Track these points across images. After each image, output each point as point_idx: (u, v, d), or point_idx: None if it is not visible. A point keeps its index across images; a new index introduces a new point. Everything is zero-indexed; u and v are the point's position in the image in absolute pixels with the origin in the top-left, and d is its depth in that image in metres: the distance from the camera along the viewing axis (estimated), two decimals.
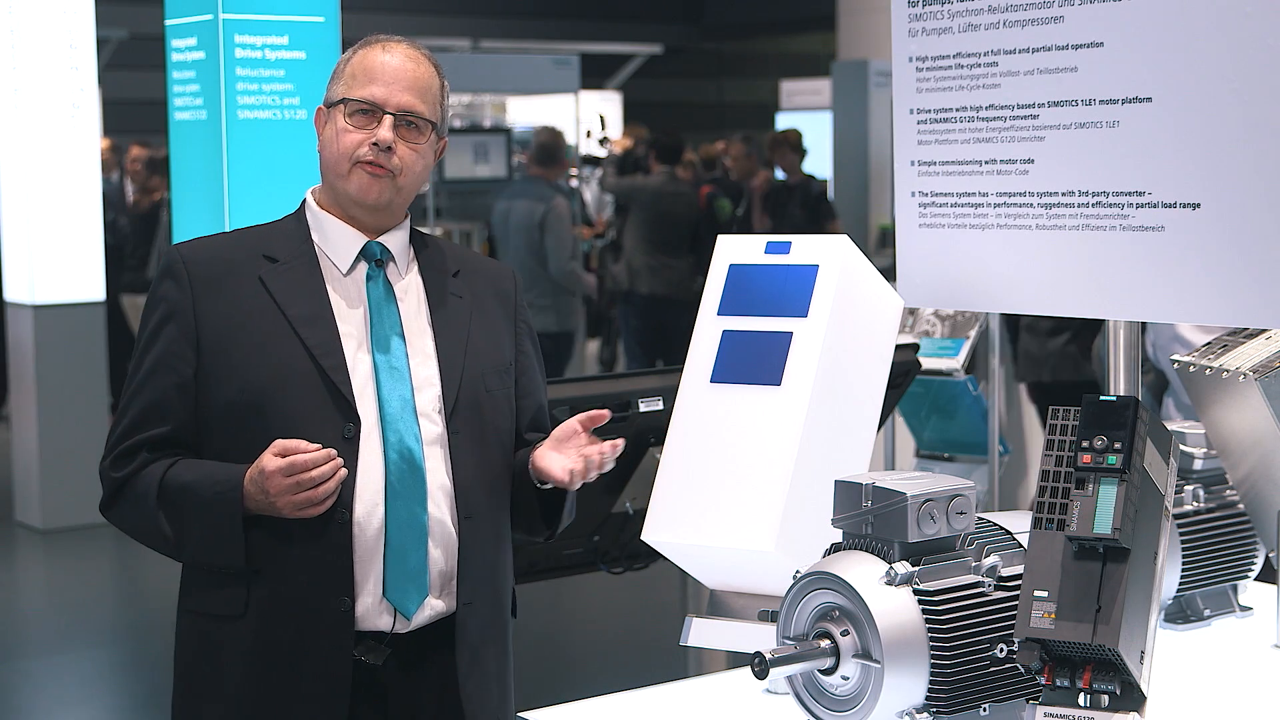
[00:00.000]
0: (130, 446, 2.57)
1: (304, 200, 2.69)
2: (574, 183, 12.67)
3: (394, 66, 2.60)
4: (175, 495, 2.53)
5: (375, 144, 2.56)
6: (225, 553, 2.51)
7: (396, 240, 2.66)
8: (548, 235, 9.02)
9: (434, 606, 2.58)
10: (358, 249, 2.63)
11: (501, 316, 2.73)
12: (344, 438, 2.52)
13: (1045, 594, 2.02)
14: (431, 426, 2.58)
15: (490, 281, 2.75)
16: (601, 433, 2.66)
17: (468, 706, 2.60)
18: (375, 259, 2.63)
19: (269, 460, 2.46)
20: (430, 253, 2.72)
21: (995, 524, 2.29)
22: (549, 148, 9.42)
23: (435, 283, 2.68)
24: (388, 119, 2.57)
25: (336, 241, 2.63)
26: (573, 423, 2.61)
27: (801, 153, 11.30)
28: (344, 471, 2.49)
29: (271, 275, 2.59)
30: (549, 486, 2.66)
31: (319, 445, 2.48)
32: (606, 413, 2.64)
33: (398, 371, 2.57)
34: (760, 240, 2.65)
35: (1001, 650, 2.12)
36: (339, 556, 2.51)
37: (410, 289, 2.66)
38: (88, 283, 8.70)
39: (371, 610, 2.54)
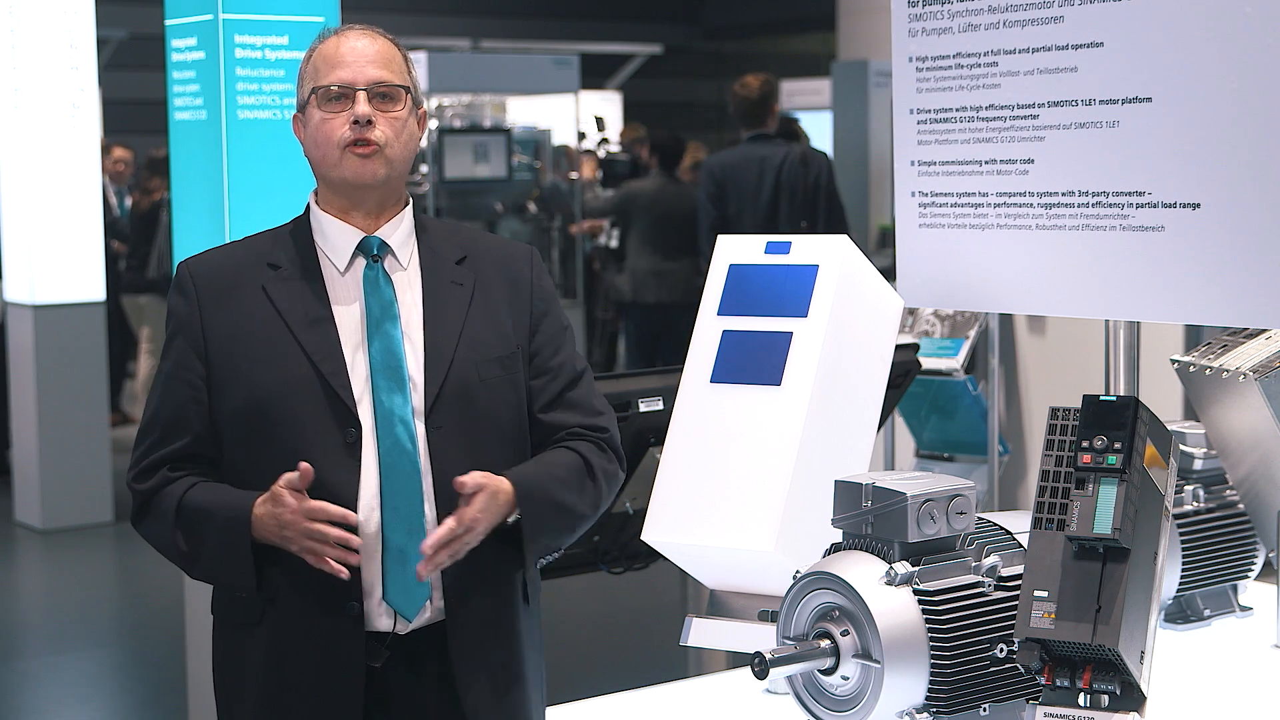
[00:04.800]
0: (152, 462, 2.60)
1: (307, 204, 2.69)
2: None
3: (354, 48, 2.63)
4: (191, 516, 2.55)
5: (355, 122, 2.58)
6: (236, 576, 2.53)
7: (396, 232, 2.66)
8: None
9: (433, 607, 2.58)
10: (354, 245, 2.63)
11: (510, 300, 2.70)
12: (346, 443, 2.53)
13: (1045, 594, 2.02)
14: (419, 423, 2.58)
15: (500, 264, 2.72)
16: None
17: (469, 711, 2.59)
18: (372, 254, 2.63)
19: (284, 494, 2.46)
20: (434, 240, 2.70)
21: (995, 524, 2.29)
22: None
23: (434, 272, 2.66)
24: (361, 95, 2.60)
25: (335, 240, 2.64)
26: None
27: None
28: (357, 557, 2.48)
29: (274, 283, 2.60)
30: (513, 520, 2.58)
31: (344, 513, 2.47)
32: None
33: (394, 371, 2.57)
34: (760, 240, 2.64)
35: (1001, 650, 2.12)
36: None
37: (410, 281, 2.66)
38: (88, 283, 8.70)
39: (373, 612, 2.54)
